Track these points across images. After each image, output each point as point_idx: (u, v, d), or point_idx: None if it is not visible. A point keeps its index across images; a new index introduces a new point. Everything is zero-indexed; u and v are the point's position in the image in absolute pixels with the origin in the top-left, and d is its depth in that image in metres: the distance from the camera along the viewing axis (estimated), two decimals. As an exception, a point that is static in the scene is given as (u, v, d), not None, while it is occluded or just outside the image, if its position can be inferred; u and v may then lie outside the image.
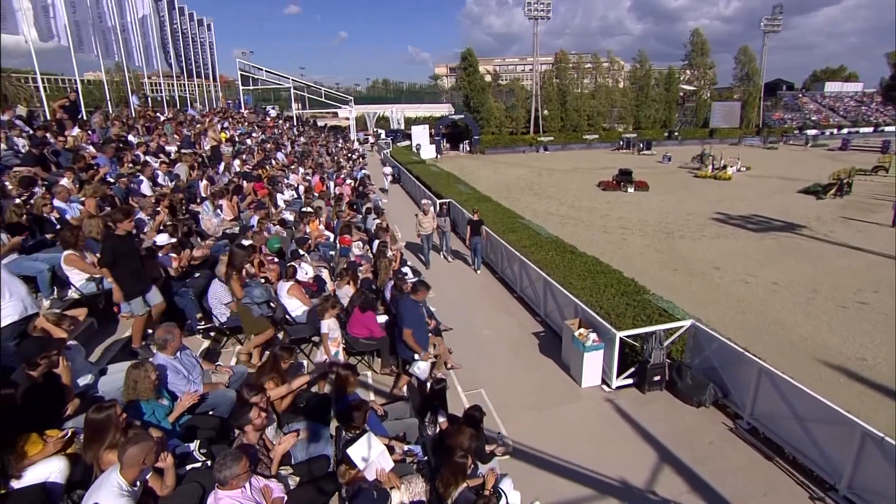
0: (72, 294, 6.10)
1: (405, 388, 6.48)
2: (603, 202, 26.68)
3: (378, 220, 12.49)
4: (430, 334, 7.50)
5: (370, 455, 4.19)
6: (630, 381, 7.43)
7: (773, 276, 14.87)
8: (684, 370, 7.10)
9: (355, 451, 4.15)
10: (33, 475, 3.54)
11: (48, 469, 3.60)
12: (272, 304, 6.95)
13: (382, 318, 7.47)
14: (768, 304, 12.83)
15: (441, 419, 5.38)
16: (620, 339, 7.22)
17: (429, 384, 5.68)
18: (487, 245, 13.28)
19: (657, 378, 7.17)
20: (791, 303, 12.88)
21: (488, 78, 58.35)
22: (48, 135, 10.15)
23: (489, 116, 54.01)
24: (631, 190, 29.43)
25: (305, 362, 6.66)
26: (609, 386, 7.42)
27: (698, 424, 6.59)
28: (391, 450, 4.85)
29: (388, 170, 27.37)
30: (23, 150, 8.81)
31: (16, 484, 3.49)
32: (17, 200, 6.70)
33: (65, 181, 7.89)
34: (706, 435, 6.38)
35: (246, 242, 7.95)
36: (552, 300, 9.44)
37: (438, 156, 43.93)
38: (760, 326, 11.33)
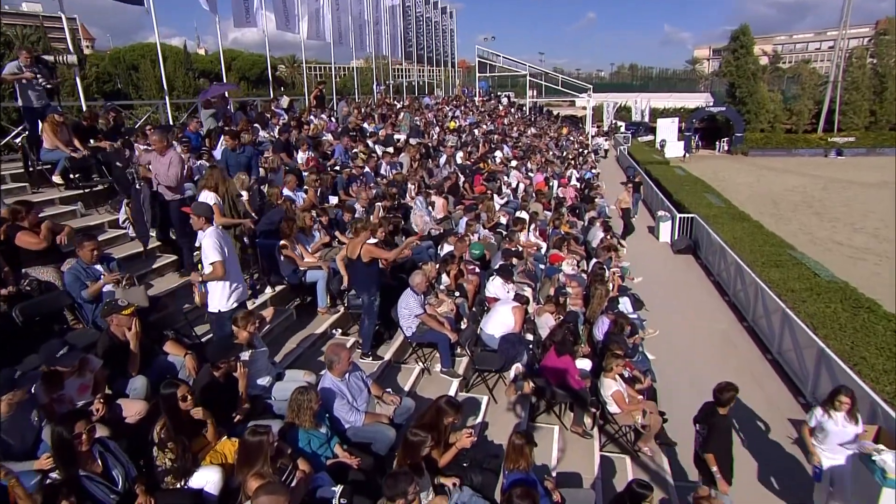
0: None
1: (597, 467, 5.15)
2: (928, 235, 19.22)
3: (603, 235, 10.91)
4: (641, 397, 5.98)
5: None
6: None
7: None
8: None
9: None
10: (194, 480, 3.58)
11: (205, 478, 3.61)
12: None
13: (583, 364, 6.20)
14: None
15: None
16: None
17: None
18: (737, 280, 10.61)
19: None
20: None
21: (763, 60, 47.69)
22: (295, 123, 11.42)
23: (759, 109, 42.93)
24: (983, 221, 20.43)
25: (486, 399, 5.84)
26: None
27: None
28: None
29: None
30: (275, 138, 9.97)
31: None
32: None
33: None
34: None
35: (447, 248, 7.52)
36: (828, 379, 6.73)
37: (686, 155, 37.98)
38: None
